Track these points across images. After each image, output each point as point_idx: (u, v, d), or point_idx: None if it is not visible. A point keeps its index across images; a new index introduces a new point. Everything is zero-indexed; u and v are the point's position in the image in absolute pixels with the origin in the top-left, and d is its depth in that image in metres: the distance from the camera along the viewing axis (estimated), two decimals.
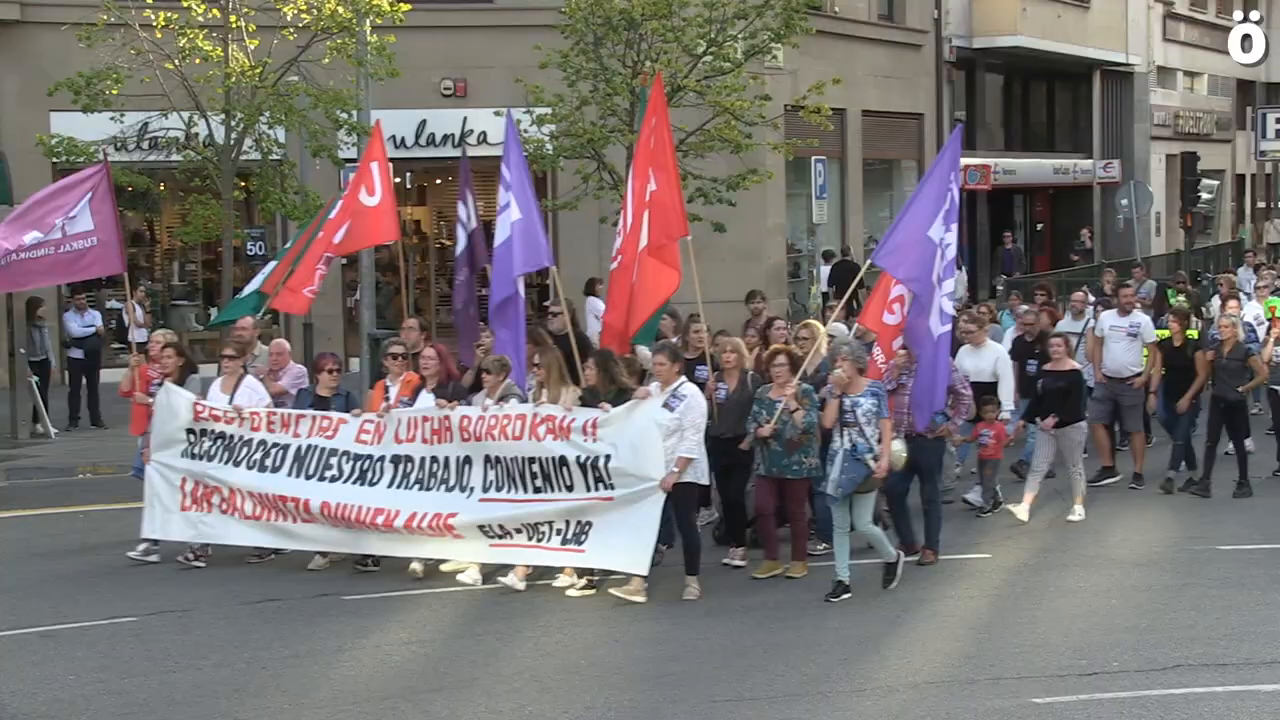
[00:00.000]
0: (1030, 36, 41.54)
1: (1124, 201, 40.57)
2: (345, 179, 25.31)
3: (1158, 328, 20.21)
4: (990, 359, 18.12)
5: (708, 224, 25.13)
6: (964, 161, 40.19)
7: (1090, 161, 47.78)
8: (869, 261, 16.30)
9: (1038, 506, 18.03)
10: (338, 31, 23.88)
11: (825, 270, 35.12)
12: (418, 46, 26.83)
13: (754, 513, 15.75)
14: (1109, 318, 20.12)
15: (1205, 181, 52.86)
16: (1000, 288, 33.65)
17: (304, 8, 23.65)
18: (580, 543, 14.86)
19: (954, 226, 15.89)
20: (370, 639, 13.66)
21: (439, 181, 33.24)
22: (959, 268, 36.50)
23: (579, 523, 14.87)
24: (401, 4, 24.18)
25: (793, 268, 36.44)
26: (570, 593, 14.83)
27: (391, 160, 24.81)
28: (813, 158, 30.77)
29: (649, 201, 16.05)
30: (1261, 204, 59.58)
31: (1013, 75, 44.96)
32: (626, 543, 14.60)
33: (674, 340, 16.93)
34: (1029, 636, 13.24)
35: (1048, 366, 17.97)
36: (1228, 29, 57.97)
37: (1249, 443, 19.39)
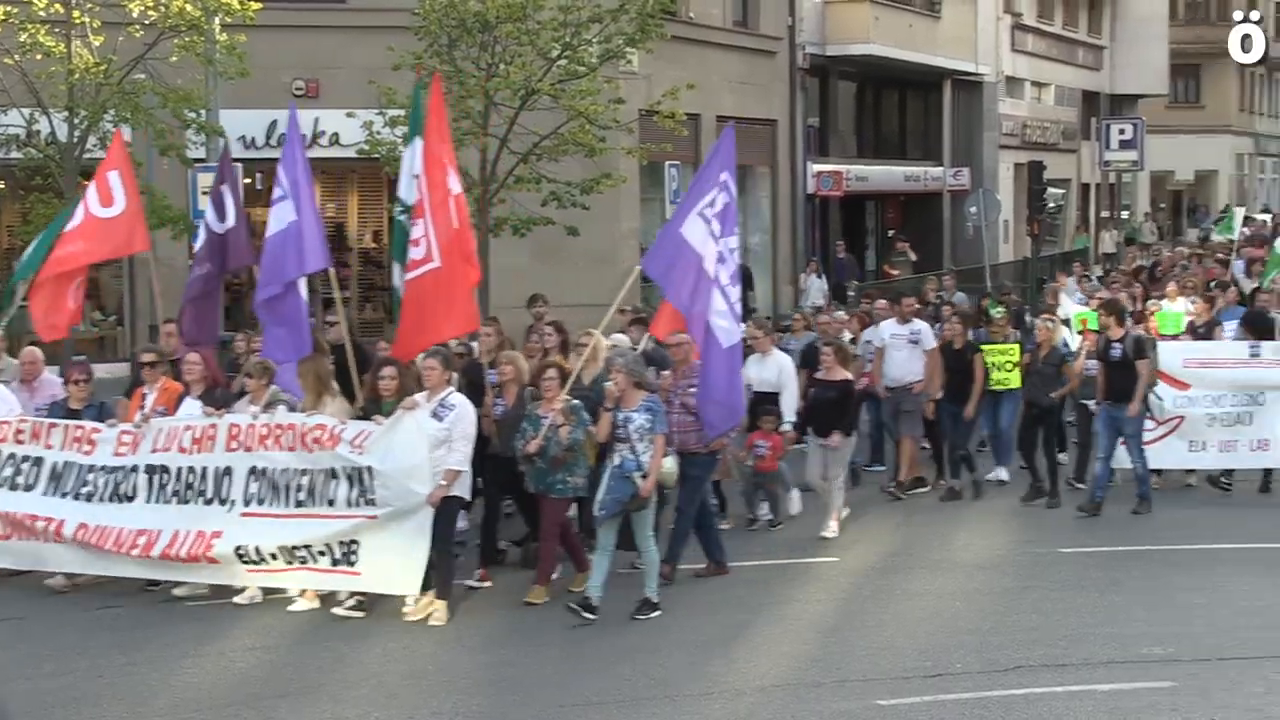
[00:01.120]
0: (882, 45, 41.89)
1: (973, 209, 41.03)
2: (194, 179, 25.01)
3: (982, 342, 20.26)
4: (774, 368, 17.69)
5: (561, 228, 25.11)
6: (817, 168, 40.76)
7: (941, 169, 48.32)
8: (637, 268, 15.72)
9: (882, 511, 18.24)
10: (186, 29, 23.52)
11: None
12: (269, 46, 26.53)
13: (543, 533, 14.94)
14: (889, 326, 19.94)
15: (1051, 190, 53.73)
16: (851, 294, 33.86)
17: (151, 4, 23.28)
18: (352, 563, 14.19)
19: (735, 231, 15.56)
20: (213, 645, 13.47)
21: None
22: (817, 275, 36.90)
23: (345, 543, 14.18)
24: (252, 3, 23.88)
25: None
26: (337, 611, 14.22)
27: (242, 161, 24.60)
28: (667, 162, 30.83)
29: (456, 197, 15.67)
30: (1105, 213, 60.63)
31: (865, 83, 45.36)
32: (398, 562, 13.98)
33: (456, 345, 16.47)
34: (875, 639, 13.33)
35: (819, 376, 17.67)
36: (1074, 41, 59.09)
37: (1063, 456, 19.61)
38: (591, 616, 13.70)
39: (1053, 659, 12.57)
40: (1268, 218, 62.60)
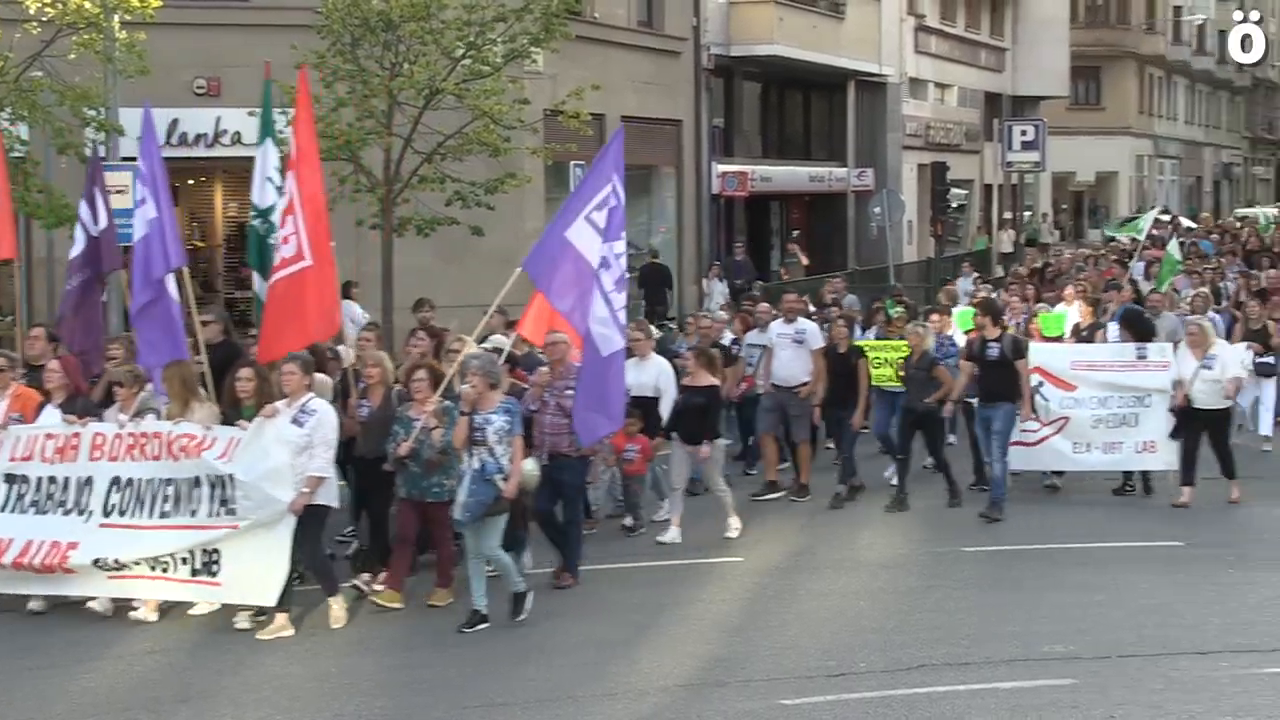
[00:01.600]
0: (787, 45, 42.00)
1: (877, 210, 41.25)
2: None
3: (878, 338, 20.30)
4: (653, 372, 17.59)
5: (466, 228, 25.01)
6: (722, 168, 40.84)
7: (845, 170, 48.52)
8: (519, 269, 15.25)
9: (786, 512, 18.29)
10: (85, 27, 23.24)
11: None
12: (170, 44, 26.26)
13: (395, 537, 14.81)
14: (776, 326, 19.84)
15: (954, 191, 54.13)
16: (757, 294, 33.93)
17: (49, 1, 22.99)
18: (213, 574, 13.90)
19: (622, 235, 15.40)
20: (113, 649, 13.35)
21: (191, 182, 32.58)
22: (720, 279, 36.95)
23: (206, 552, 13.89)
24: (152, 0, 23.64)
25: None
26: (239, 625, 13.89)
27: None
28: (571, 162, 30.81)
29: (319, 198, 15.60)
30: (1008, 214, 61.14)
31: (770, 83, 45.48)
32: (258, 572, 13.69)
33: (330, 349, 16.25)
34: (779, 639, 13.36)
35: (684, 381, 17.41)
36: (976, 43, 59.53)
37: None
38: (484, 625, 13.59)
39: (955, 657, 12.64)
40: (1166, 219, 63.32)
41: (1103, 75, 79.02)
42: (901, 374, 19.29)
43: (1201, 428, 18.64)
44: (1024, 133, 55.30)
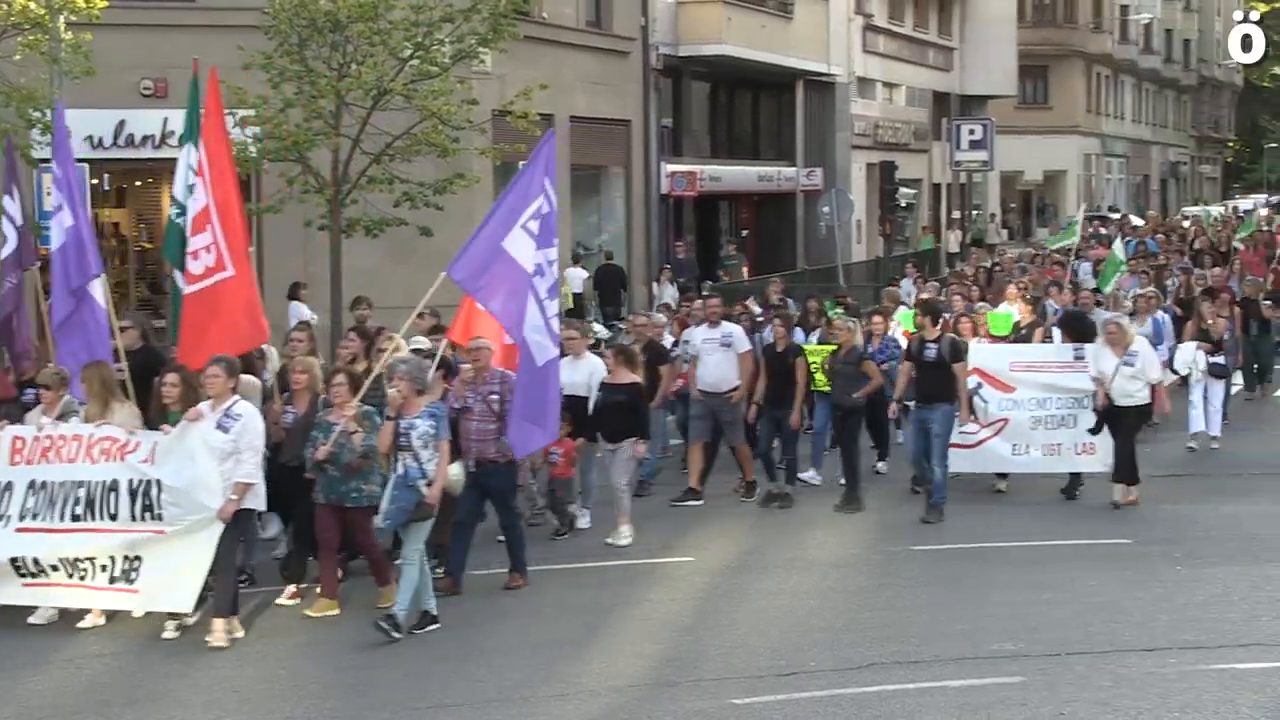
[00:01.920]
0: (735, 45, 42.07)
1: (825, 209, 41.37)
2: (39, 179, 24.56)
3: (820, 341, 20.29)
4: (585, 371, 17.41)
5: (414, 229, 24.97)
6: (671, 168, 40.88)
7: (794, 169, 48.62)
8: (443, 273, 14.79)
9: (735, 512, 18.30)
10: (30, 27, 23.13)
11: (578, 273, 35.36)
12: (116, 45, 26.14)
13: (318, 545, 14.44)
14: (700, 332, 19.62)
15: (903, 190, 54.33)
16: (705, 293, 33.99)
17: None
18: (131, 581, 13.61)
19: (555, 242, 15.27)
20: (61, 652, 13.29)
21: (139, 183, 32.47)
22: (670, 282, 36.98)
23: (128, 559, 13.61)
24: (98, 1, 23.52)
25: None
26: (167, 635, 13.63)
27: (89, 161, 24.24)
28: (520, 163, 30.65)
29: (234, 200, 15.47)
30: (957, 213, 61.41)
31: (719, 83, 45.55)
32: (176, 579, 13.42)
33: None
34: (729, 638, 13.39)
35: (605, 379, 17.19)
36: (924, 42, 59.75)
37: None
38: (398, 635, 13.30)
39: (905, 656, 12.69)
40: (1116, 216, 63.63)
41: (1050, 74, 79.41)
42: (827, 368, 19.11)
43: (1130, 424, 18.57)
44: (972, 132, 55.67)
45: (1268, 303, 27.01)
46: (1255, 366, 26.79)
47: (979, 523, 17.88)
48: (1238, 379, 26.24)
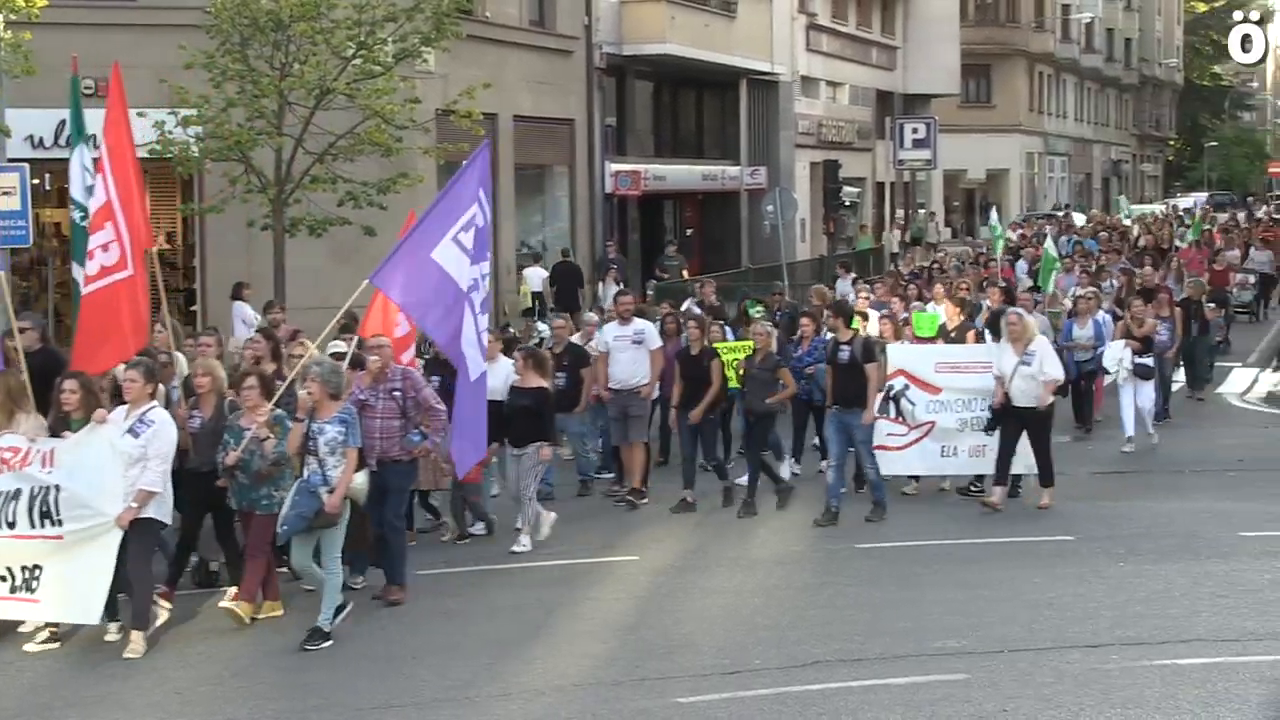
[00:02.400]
0: (679, 44, 42.11)
1: (770, 208, 41.40)
2: None
3: (737, 338, 20.20)
4: (502, 375, 17.15)
5: (358, 228, 24.92)
6: (615, 167, 40.88)
7: (738, 168, 48.68)
8: (366, 280, 14.55)
9: (676, 511, 18.32)
10: None
11: (537, 272, 35.29)
12: (57, 44, 25.93)
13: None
14: (612, 329, 19.62)
15: (847, 189, 54.47)
16: (651, 292, 34.04)
17: None
18: (32, 590, 13.27)
19: (488, 256, 15.08)
20: (1, 655, 13.18)
21: None
22: (616, 283, 36.93)
23: (26, 568, 13.27)
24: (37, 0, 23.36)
25: None
26: (29, 648, 13.36)
27: (30, 161, 24.04)
28: (464, 162, 30.68)
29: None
30: (900, 212, 61.61)
31: (662, 82, 45.58)
32: (79, 589, 13.13)
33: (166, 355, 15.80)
34: (674, 637, 13.40)
35: (514, 383, 16.96)
36: (867, 41, 59.94)
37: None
38: (326, 644, 13.18)
39: (849, 654, 12.73)
40: (1061, 214, 63.86)
41: (993, 73, 79.79)
42: (741, 371, 18.88)
43: (1021, 426, 18.25)
44: (915, 130, 55.91)
45: (1211, 305, 27.18)
46: (1188, 370, 26.79)
47: (922, 521, 17.94)
48: (1180, 377, 26.43)
